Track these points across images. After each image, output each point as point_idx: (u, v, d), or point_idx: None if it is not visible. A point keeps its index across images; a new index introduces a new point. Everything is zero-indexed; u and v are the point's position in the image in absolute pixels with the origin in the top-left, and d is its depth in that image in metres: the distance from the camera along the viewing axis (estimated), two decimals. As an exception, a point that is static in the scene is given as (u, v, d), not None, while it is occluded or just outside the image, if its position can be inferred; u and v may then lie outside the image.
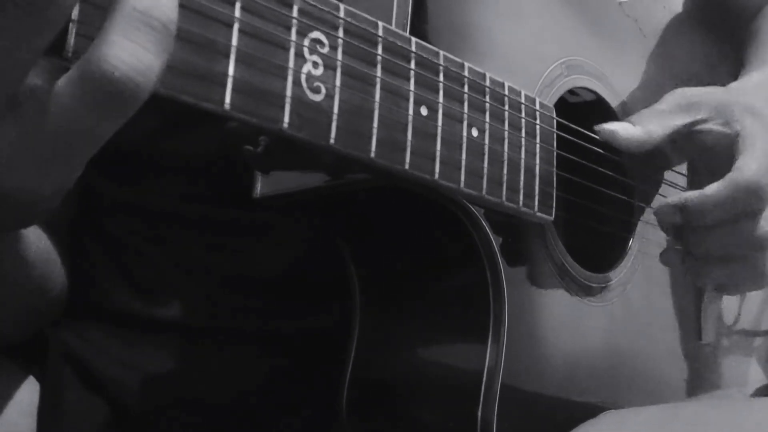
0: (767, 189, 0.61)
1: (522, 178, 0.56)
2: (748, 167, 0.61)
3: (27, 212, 0.37)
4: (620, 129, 0.62)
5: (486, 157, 0.53)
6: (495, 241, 0.55)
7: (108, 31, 0.31)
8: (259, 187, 0.55)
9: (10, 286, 0.58)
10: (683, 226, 0.64)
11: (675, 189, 0.74)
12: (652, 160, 0.68)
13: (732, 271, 0.65)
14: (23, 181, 0.34)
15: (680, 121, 0.64)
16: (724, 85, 0.70)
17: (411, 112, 0.48)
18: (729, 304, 0.86)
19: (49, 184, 0.35)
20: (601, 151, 0.66)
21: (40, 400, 0.67)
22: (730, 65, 0.79)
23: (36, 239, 0.58)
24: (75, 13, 0.32)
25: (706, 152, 0.64)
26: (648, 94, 0.71)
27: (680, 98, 0.65)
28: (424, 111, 0.49)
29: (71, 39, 0.32)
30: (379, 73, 0.46)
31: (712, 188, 0.61)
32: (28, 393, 0.66)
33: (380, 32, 0.46)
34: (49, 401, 0.67)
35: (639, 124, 0.63)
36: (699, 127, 0.64)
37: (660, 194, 0.73)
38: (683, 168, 0.76)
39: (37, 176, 0.34)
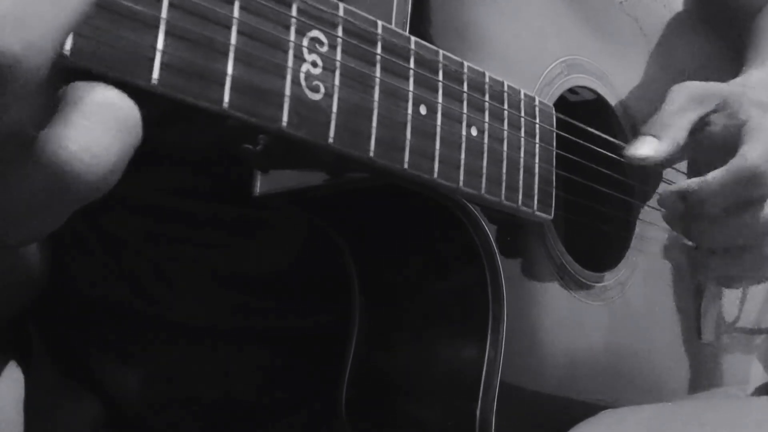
0: None
1: (521, 177, 0.56)
2: (750, 154, 0.60)
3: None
4: (651, 152, 0.61)
5: (485, 156, 0.53)
6: (494, 240, 0.55)
7: (63, 112, 0.30)
8: (259, 186, 0.55)
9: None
10: (687, 218, 0.63)
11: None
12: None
13: (736, 262, 0.65)
14: None
15: (695, 115, 0.63)
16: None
17: (410, 111, 0.48)
18: (729, 302, 0.86)
19: (14, 241, 0.34)
20: (600, 150, 0.66)
21: (25, 396, 0.67)
22: (730, 64, 0.79)
23: None
24: None
25: (710, 145, 0.63)
26: (648, 93, 0.71)
27: (690, 92, 0.64)
28: (423, 110, 0.49)
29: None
30: (378, 72, 0.46)
31: (714, 174, 0.61)
32: (17, 388, 0.66)
33: (379, 31, 0.46)
34: (39, 397, 0.67)
35: (659, 133, 0.62)
36: (708, 119, 0.64)
37: (659, 193, 0.73)
38: (683, 166, 0.76)
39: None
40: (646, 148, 0.62)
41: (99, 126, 0.30)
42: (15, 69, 0.27)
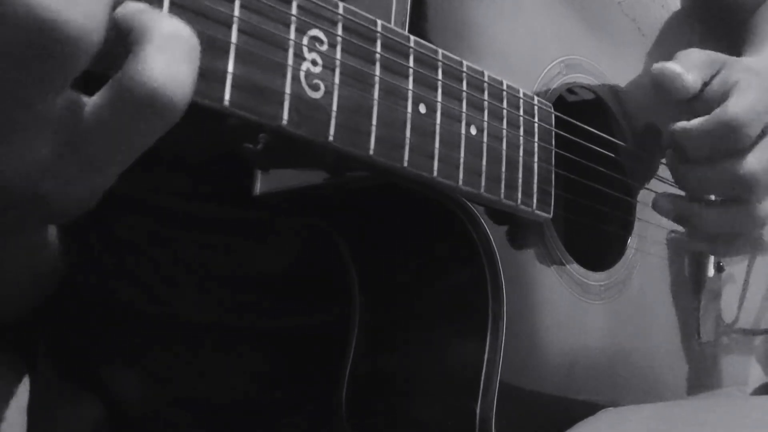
0: (748, 129, 0.62)
1: (520, 176, 0.56)
2: (733, 105, 0.63)
3: (63, 213, 0.38)
4: (683, 73, 0.64)
5: (484, 155, 0.53)
6: (494, 239, 0.55)
7: (141, 47, 0.33)
8: (259, 185, 0.55)
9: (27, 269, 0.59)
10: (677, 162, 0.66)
11: (673, 187, 0.74)
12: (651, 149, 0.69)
13: (725, 216, 0.66)
14: (62, 186, 0.35)
15: (706, 74, 0.66)
16: None
17: (409, 110, 0.48)
18: (728, 302, 0.86)
19: (87, 190, 0.36)
20: (599, 149, 0.66)
21: (29, 398, 0.67)
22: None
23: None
24: None
25: (706, 108, 0.65)
26: (646, 93, 0.71)
27: (703, 54, 0.67)
28: (422, 109, 0.49)
29: None
30: (377, 71, 0.46)
31: (698, 120, 0.63)
32: (20, 389, 0.66)
33: (379, 30, 0.46)
34: (41, 400, 0.67)
35: (686, 67, 0.65)
36: (709, 82, 0.66)
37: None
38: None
39: (75, 183, 0.35)
40: (677, 68, 0.65)
41: (175, 57, 0.33)
42: (80, 37, 0.30)
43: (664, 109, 0.68)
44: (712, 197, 0.69)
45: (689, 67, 0.65)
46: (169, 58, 0.32)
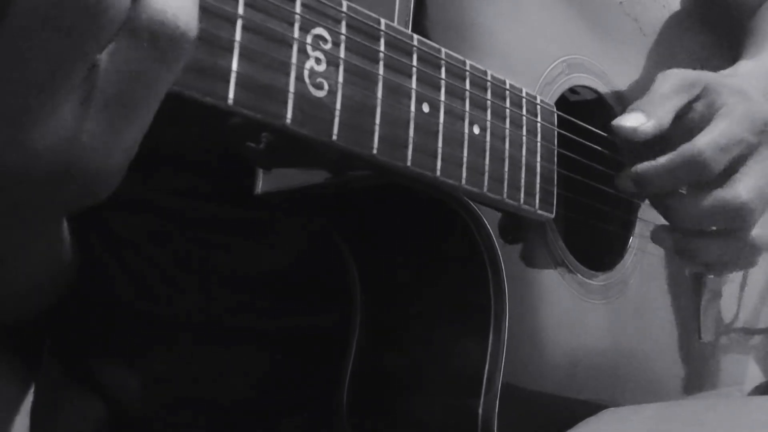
0: (710, 164, 0.61)
1: (523, 175, 0.56)
2: (700, 140, 0.62)
3: (96, 189, 0.38)
4: (637, 124, 0.63)
5: (487, 154, 0.53)
6: (496, 239, 0.55)
7: None
8: (261, 184, 0.55)
9: (47, 263, 0.59)
10: (659, 197, 0.65)
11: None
12: (650, 150, 0.68)
13: (716, 245, 0.66)
14: (91, 154, 0.35)
15: (680, 101, 0.65)
16: None
17: (413, 109, 0.48)
18: (727, 302, 0.86)
19: (116, 152, 0.36)
20: (601, 149, 0.66)
21: (33, 399, 0.67)
22: (728, 63, 0.79)
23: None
24: None
25: (689, 131, 0.64)
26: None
27: (678, 79, 0.66)
28: (425, 108, 0.49)
29: None
30: (381, 70, 0.46)
31: (663, 158, 0.63)
32: (22, 391, 0.66)
33: (383, 29, 0.46)
34: (43, 400, 0.67)
35: (647, 113, 0.64)
36: (690, 106, 0.65)
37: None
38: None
39: (104, 145, 0.35)
40: (633, 120, 0.63)
41: None
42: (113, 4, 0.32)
43: None
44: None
45: (661, 97, 0.64)
46: None
